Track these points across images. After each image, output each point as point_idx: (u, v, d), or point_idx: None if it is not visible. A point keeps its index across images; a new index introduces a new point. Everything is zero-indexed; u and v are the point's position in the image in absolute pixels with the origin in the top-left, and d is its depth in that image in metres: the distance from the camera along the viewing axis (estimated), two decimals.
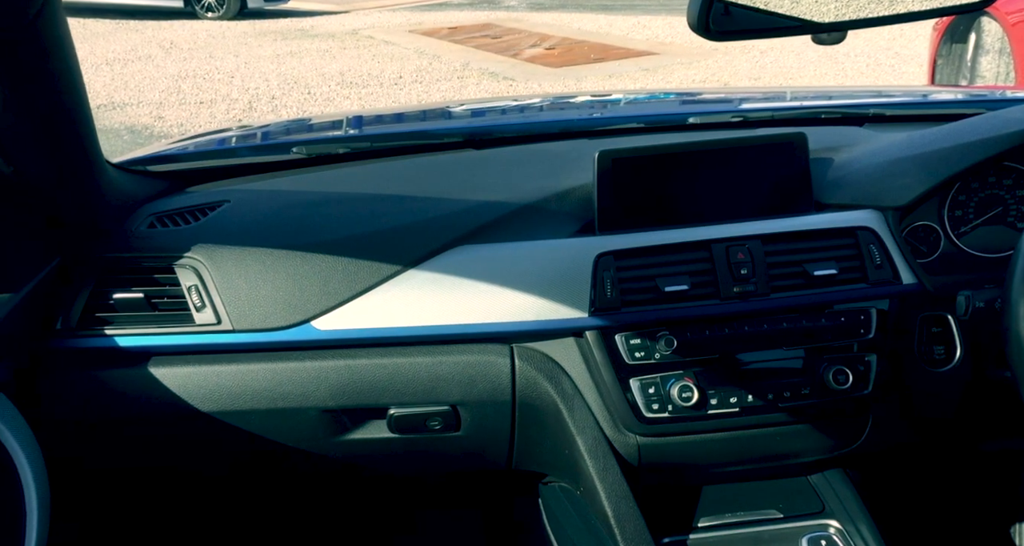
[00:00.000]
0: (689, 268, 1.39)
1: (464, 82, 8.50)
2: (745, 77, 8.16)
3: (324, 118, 2.92)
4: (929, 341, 1.44)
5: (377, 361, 1.39)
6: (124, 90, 8.05)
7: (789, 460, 1.50)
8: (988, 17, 4.92)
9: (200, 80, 8.52)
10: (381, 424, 1.43)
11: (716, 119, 1.81)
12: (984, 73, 5.00)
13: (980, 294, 1.26)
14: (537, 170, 1.58)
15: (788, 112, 1.83)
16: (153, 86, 8.23)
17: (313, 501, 1.88)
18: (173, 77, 8.62)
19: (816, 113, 1.81)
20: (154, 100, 7.68)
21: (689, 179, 1.44)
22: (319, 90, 8.11)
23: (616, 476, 1.39)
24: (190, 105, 7.57)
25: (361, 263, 1.38)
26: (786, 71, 8.23)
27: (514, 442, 1.46)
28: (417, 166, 1.66)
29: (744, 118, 1.79)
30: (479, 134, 1.77)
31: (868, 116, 1.74)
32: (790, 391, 1.40)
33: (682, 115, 1.84)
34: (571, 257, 1.39)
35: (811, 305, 1.39)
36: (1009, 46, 4.74)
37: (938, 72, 5.40)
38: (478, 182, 1.54)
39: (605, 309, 1.36)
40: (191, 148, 1.84)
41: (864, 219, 1.42)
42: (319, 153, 1.70)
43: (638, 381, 1.37)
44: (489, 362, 1.39)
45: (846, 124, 1.73)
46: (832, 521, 1.45)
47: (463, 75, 8.73)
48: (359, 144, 1.77)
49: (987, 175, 1.47)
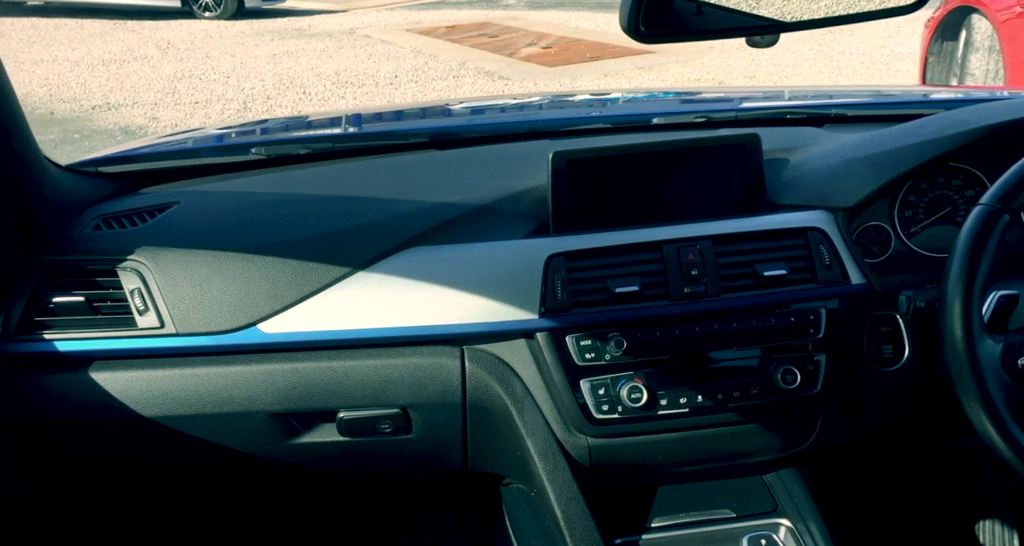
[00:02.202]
0: (640, 269, 1.39)
1: (460, 81, 8.50)
2: (740, 75, 8.15)
3: (296, 118, 2.92)
4: (878, 340, 1.44)
5: (325, 364, 1.38)
6: (119, 91, 8.07)
7: (741, 460, 1.50)
8: (979, 14, 4.91)
9: (196, 80, 8.53)
10: (331, 427, 1.43)
11: (679, 120, 1.81)
12: (974, 71, 4.98)
13: (921, 294, 1.27)
14: (495, 171, 1.58)
15: (751, 113, 1.84)
16: (149, 86, 8.24)
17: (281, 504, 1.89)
18: (169, 77, 8.63)
19: (780, 113, 1.81)
20: (149, 101, 7.69)
21: (643, 180, 1.44)
22: (314, 90, 8.12)
23: (566, 477, 1.40)
24: (185, 105, 7.58)
25: (310, 265, 1.37)
26: (781, 68, 8.22)
27: (467, 444, 1.46)
28: (376, 167, 1.66)
29: (708, 118, 1.79)
30: (443, 134, 1.77)
31: (830, 116, 1.74)
32: (740, 391, 1.40)
33: (646, 115, 1.84)
34: (522, 258, 1.38)
35: (761, 305, 1.40)
36: (998, 44, 4.73)
37: (929, 70, 5.39)
38: (435, 183, 1.54)
39: (555, 310, 1.36)
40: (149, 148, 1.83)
41: (814, 220, 1.43)
42: (278, 154, 1.69)
43: (588, 382, 1.37)
44: (439, 364, 1.39)
45: (808, 124, 1.73)
46: (783, 520, 1.45)
47: (459, 74, 8.74)
48: (321, 145, 1.76)
49: (936, 176, 1.47)
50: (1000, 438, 1.11)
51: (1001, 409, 1.12)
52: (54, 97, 7.85)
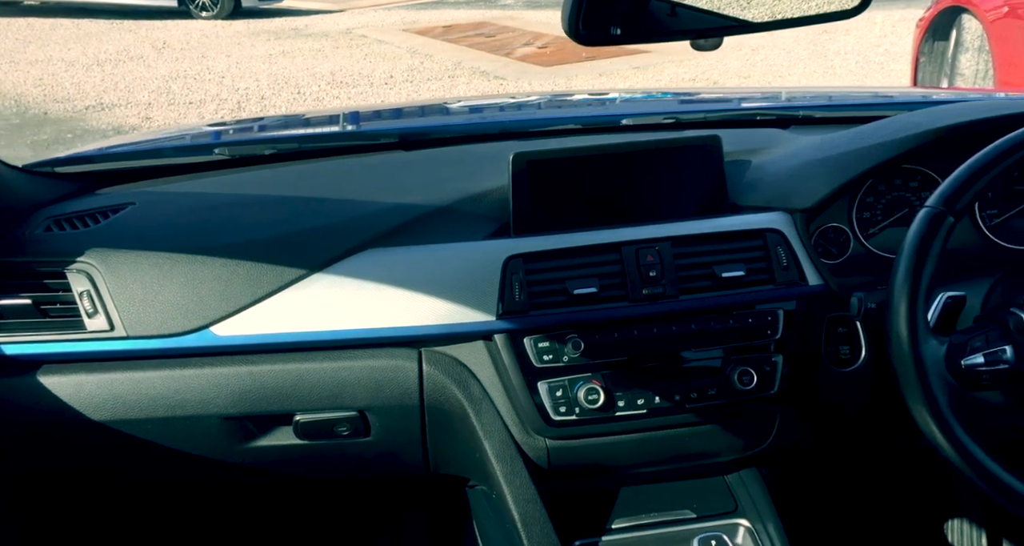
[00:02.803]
0: (599, 270, 1.39)
1: (455, 81, 8.50)
2: (735, 75, 8.14)
3: (271, 117, 2.91)
4: (835, 341, 1.44)
5: (280, 367, 1.38)
6: (114, 91, 8.07)
7: (700, 461, 1.50)
8: (968, 14, 4.90)
9: (190, 80, 8.53)
10: (288, 431, 1.42)
11: (648, 121, 1.81)
12: (964, 71, 4.98)
13: (872, 295, 1.27)
14: (459, 172, 1.58)
15: (720, 114, 1.84)
16: (143, 87, 8.24)
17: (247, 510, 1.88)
18: (164, 78, 8.63)
19: (750, 115, 1.82)
20: (143, 101, 7.70)
21: (604, 181, 1.44)
22: (309, 90, 8.12)
23: (523, 479, 1.39)
24: (179, 105, 7.58)
25: (265, 267, 1.37)
26: (776, 69, 8.22)
27: (427, 447, 1.46)
28: (339, 168, 1.66)
29: (676, 120, 1.79)
30: (410, 135, 1.76)
31: (798, 118, 1.74)
32: (697, 392, 1.40)
33: (615, 116, 1.84)
34: (481, 260, 1.38)
35: (719, 306, 1.40)
36: (988, 44, 4.73)
37: (921, 70, 5.38)
38: (397, 184, 1.54)
39: (513, 312, 1.36)
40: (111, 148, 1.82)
41: (772, 221, 1.43)
42: (242, 154, 1.68)
43: (546, 384, 1.37)
44: (396, 367, 1.39)
45: (776, 126, 1.73)
46: (742, 520, 1.46)
47: (454, 74, 8.74)
48: (286, 145, 1.75)
49: (894, 178, 1.47)
50: (943, 438, 1.12)
51: (944, 409, 1.12)
52: (48, 97, 7.85)
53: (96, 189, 1.59)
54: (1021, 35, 4.47)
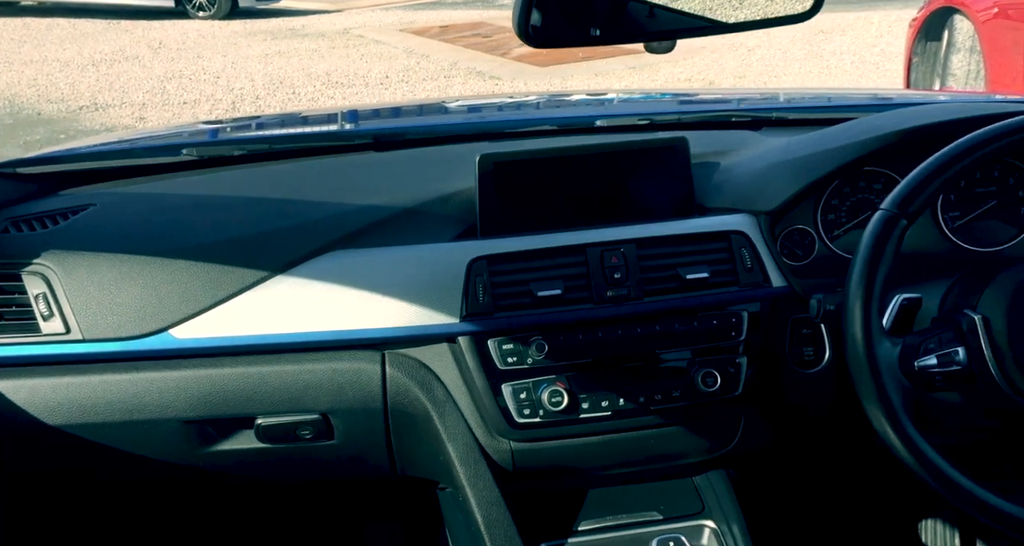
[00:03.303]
0: (563, 272, 1.38)
1: (450, 81, 8.51)
2: (731, 75, 8.14)
3: (250, 117, 2.90)
4: (800, 343, 1.44)
5: (241, 370, 1.36)
6: (108, 91, 8.07)
7: (666, 462, 1.50)
8: (960, 15, 4.90)
9: (186, 81, 8.53)
10: (249, 434, 1.41)
11: (622, 122, 1.81)
12: (955, 71, 4.98)
13: (831, 297, 1.26)
14: (428, 173, 1.57)
15: (694, 115, 1.84)
16: (138, 87, 8.24)
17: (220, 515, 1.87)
18: (159, 78, 8.63)
19: (725, 116, 1.81)
20: (137, 101, 7.70)
21: (571, 183, 1.44)
22: (304, 90, 8.13)
23: (487, 482, 1.39)
24: (173, 106, 7.59)
25: (226, 269, 1.35)
26: (772, 68, 8.22)
27: (392, 450, 1.45)
28: (308, 169, 1.64)
29: (650, 121, 1.78)
30: (383, 136, 1.76)
31: (770, 120, 1.74)
32: (661, 394, 1.39)
33: (589, 118, 1.84)
34: (445, 262, 1.38)
35: (684, 308, 1.39)
36: (979, 44, 4.72)
37: (913, 70, 5.38)
38: (364, 185, 1.53)
39: (477, 314, 1.35)
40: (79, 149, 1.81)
41: (737, 223, 1.42)
42: (211, 155, 1.67)
43: (510, 386, 1.37)
44: (359, 369, 1.38)
45: (747, 128, 1.73)
46: (708, 521, 1.46)
47: (450, 74, 8.75)
48: (257, 146, 1.74)
49: (858, 180, 1.47)
50: (897, 438, 1.12)
51: (898, 410, 1.13)
52: (42, 97, 7.86)
53: (59, 190, 1.58)
54: (1011, 36, 4.47)
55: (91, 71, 8.99)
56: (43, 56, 9.84)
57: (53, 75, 8.82)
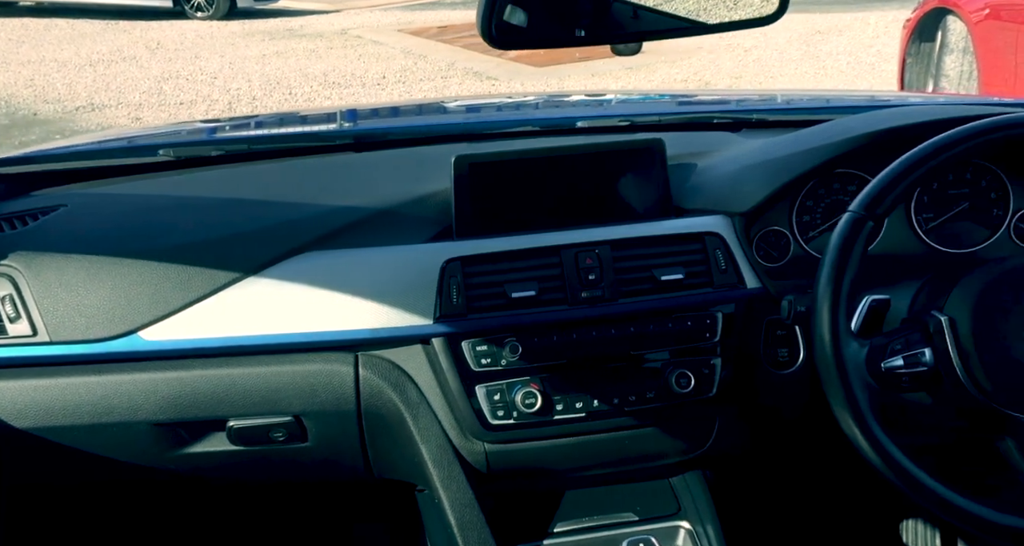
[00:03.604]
0: (538, 274, 1.38)
1: (447, 82, 8.51)
2: (727, 75, 8.15)
3: (236, 118, 2.89)
4: (774, 344, 1.44)
5: (212, 372, 1.36)
6: (105, 91, 8.07)
7: (643, 463, 1.50)
8: (953, 16, 4.90)
9: (182, 81, 8.53)
10: (221, 436, 1.41)
11: (603, 123, 1.81)
12: (948, 72, 4.98)
13: (802, 298, 1.27)
14: (406, 174, 1.57)
15: (675, 117, 1.84)
16: (135, 87, 8.24)
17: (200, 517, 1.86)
18: (156, 78, 8.63)
19: (706, 117, 1.81)
20: (134, 101, 7.70)
21: (547, 184, 1.44)
22: (300, 91, 8.13)
23: (460, 484, 1.39)
24: (170, 106, 7.59)
25: (197, 270, 1.35)
26: (768, 69, 8.23)
27: (367, 451, 1.45)
28: (285, 170, 1.64)
29: (631, 123, 1.78)
30: (363, 137, 1.76)
31: (751, 121, 1.74)
32: (636, 395, 1.39)
33: (570, 119, 1.84)
34: (418, 263, 1.38)
35: (658, 310, 1.39)
36: (972, 45, 4.73)
37: (908, 71, 5.39)
38: (341, 186, 1.53)
39: (451, 316, 1.35)
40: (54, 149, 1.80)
41: (712, 224, 1.42)
42: (187, 155, 1.66)
43: (484, 388, 1.37)
44: (331, 371, 1.37)
45: (728, 129, 1.73)
46: (684, 522, 1.46)
47: (447, 75, 8.74)
48: (235, 147, 1.74)
49: (832, 181, 1.47)
50: (863, 438, 1.13)
51: (865, 411, 1.13)
52: (38, 98, 7.86)
53: (32, 191, 1.57)
54: (1004, 36, 4.47)
55: (88, 71, 8.99)
56: (40, 56, 9.84)
57: (50, 75, 8.82)
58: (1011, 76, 4.43)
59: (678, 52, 9.04)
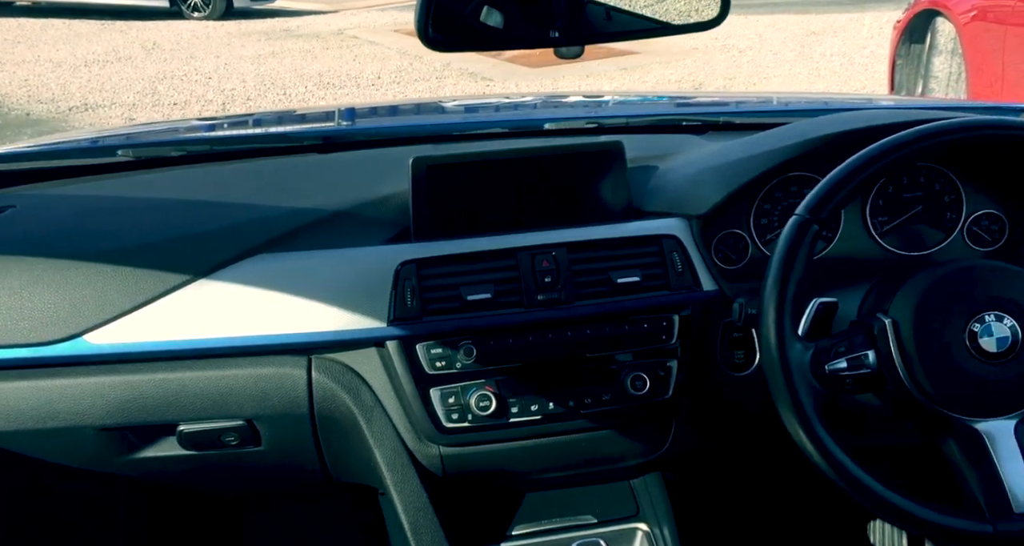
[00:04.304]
0: (494, 276, 1.38)
1: (442, 82, 8.51)
2: (721, 76, 8.14)
3: (209, 118, 2.88)
4: (730, 346, 1.44)
5: (161, 376, 1.35)
6: (99, 92, 8.07)
7: (601, 466, 1.50)
8: (942, 17, 4.89)
9: (177, 81, 8.53)
10: (172, 441, 1.40)
11: (571, 125, 1.80)
12: (937, 74, 4.97)
13: (753, 301, 1.27)
14: (368, 176, 1.56)
15: (643, 119, 1.83)
16: (129, 88, 8.24)
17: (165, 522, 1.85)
18: (150, 79, 8.63)
19: (675, 120, 1.81)
20: (128, 102, 7.70)
21: (506, 187, 1.44)
22: (295, 91, 8.12)
23: (414, 487, 1.39)
24: (163, 106, 7.59)
25: (145, 272, 1.33)
26: (762, 70, 8.22)
27: (323, 455, 1.45)
28: (244, 171, 1.63)
29: (599, 125, 1.78)
30: (328, 138, 1.75)
31: (718, 124, 1.74)
32: (591, 398, 1.39)
33: (538, 121, 1.83)
34: (374, 266, 1.37)
35: (614, 312, 1.39)
36: (961, 47, 4.72)
37: (898, 72, 5.38)
38: (300, 187, 1.52)
39: (405, 318, 1.35)
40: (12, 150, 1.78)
41: (669, 227, 1.42)
42: (147, 156, 1.64)
43: (438, 391, 1.36)
44: (284, 375, 1.37)
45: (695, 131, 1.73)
46: (642, 524, 1.47)
47: (442, 75, 8.74)
48: (197, 147, 1.72)
49: (790, 185, 1.47)
50: (808, 440, 1.13)
51: (809, 412, 1.14)
52: (32, 98, 7.86)
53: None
54: (991, 38, 4.47)
55: (83, 71, 8.99)
56: (36, 56, 9.84)
57: (45, 75, 8.82)
58: (999, 78, 4.43)
59: (672, 53, 9.04)
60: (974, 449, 1.15)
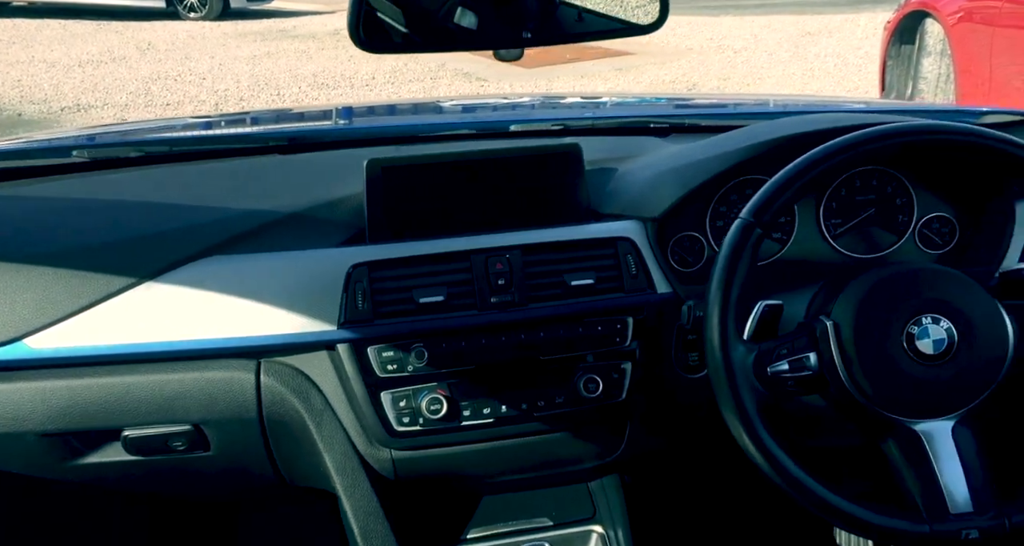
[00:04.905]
0: (447, 279, 1.37)
1: (436, 83, 8.51)
2: (715, 76, 8.14)
3: (180, 118, 2.86)
4: (684, 348, 1.43)
5: (105, 380, 1.33)
6: (92, 92, 8.05)
7: (556, 469, 1.49)
8: (931, 18, 4.88)
9: (171, 82, 8.52)
10: (118, 446, 1.38)
11: (537, 127, 1.80)
12: (926, 75, 4.96)
13: (701, 304, 1.26)
14: (327, 177, 1.54)
15: (610, 121, 1.83)
16: (122, 88, 8.23)
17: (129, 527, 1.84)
18: (144, 79, 8.61)
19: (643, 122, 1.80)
20: (120, 102, 7.69)
21: (462, 189, 1.43)
22: (288, 91, 8.12)
23: (364, 492, 1.38)
24: (156, 107, 7.58)
25: (89, 275, 1.31)
26: (756, 71, 8.22)
27: (275, 460, 1.43)
28: (201, 172, 1.61)
29: (565, 126, 1.77)
30: (296, 139, 1.74)
31: (683, 126, 1.73)
32: (544, 400, 1.38)
33: (505, 123, 1.83)
34: (325, 268, 1.36)
35: (568, 315, 1.38)
36: (949, 48, 4.71)
37: (888, 73, 5.37)
38: (256, 189, 1.51)
39: (356, 321, 1.34)
40: None
41: (624, 230, 1.42)
42: (103, 157, 1.62)
43: (389, 394, 1.35)
44: (232, 379, 1.35)
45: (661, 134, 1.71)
46: (597, 527, 1.47)
47: (437, 76, 8.75)
48: (155, 148, 1.70)
49: (745, 187, 1.46)
50: (749, 442, 1.13)
51: (752, 414, 1.14)
52: (24, 98, 7.85)
53: None
54: (978, 39, 4.46)
55: (77, 72, 8.97)
56: (30, 57, 9.82)
57: (38, 76, 8.80)
58: (986, 79, 4.42)
59: (667, 53, 9.05)
60: (912, 450, 1.15)
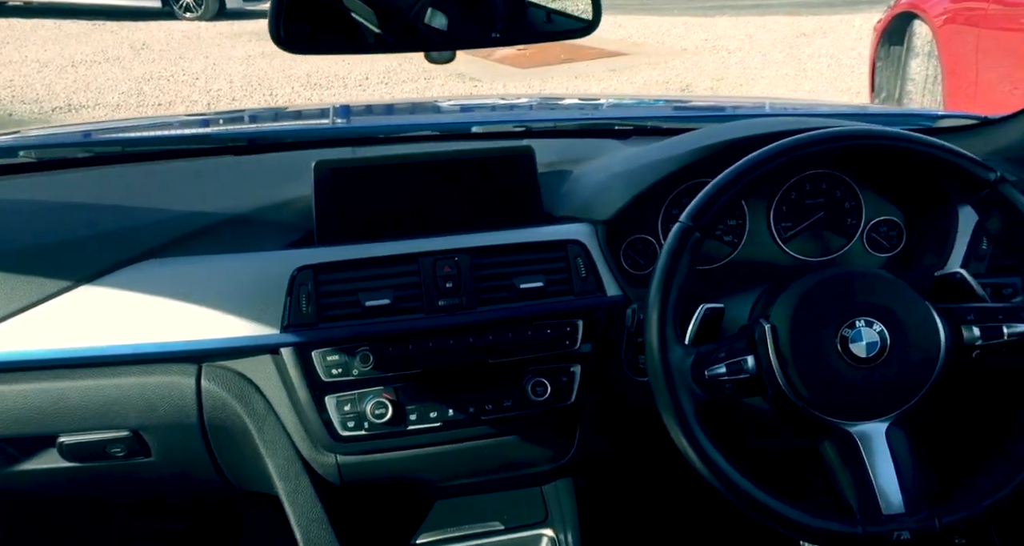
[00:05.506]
0: (394, 282, 1.36)
1: (430, 83, 8.50)
2: (709, 77, 8.13)
3: (139, 118, 2.83)
4: (634, 351, 1.42)
5: (38, 386, 1.31)
6: (84, 92, 8.04)
7: (507, 472, 1.48)
8: (919, 20, 4.87)
9: (163, 82, 8.51)
10: (53, 452, 1.36)
11: (498, 129, 1.79)
12: (914, 76, 4.95)
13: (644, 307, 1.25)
14: (277, 178, 1.53)
15: (572, 123, 1.82)
16: (115, 88, 8.21)
17: None
18: (137, 79, 8.60)
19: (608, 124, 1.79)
20: (112, 102, 7.67)
21: (412, 191, 1.42)
22: (281, 91, 8.11)
23: (307, 497, 1.37)
24: (148, 107, 7.57)
25: (21, 278, 1.30)
26: (750, 71, 8.21)
27: (220, 466, 1.42)
28: (150, 173, 1.59)
29: (526, 128, 1.76)
30: (253, 140, 1.73)
31: (645, 128, 1.71)
32: (492, 404, 1.38)
33: (466, 124, 1.82)
34: (269, 271, 1.35)
35: (518, 318, 1.37)
36: (936, 49, 4.70)
37: (877, 75, 5.35)
38: (203, 190, 1.49)
39: (299, 325, 1.32)
40: None
41: (574, 232, 1.41)
42: (50, 157, 1.60)
43: (334, 398, 1.34)
44: (171, 383, 1.34)
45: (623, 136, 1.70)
46: (548, 530, 1.46)
47: (431, 76, 8.72)
48: (106, 148, 1.69)
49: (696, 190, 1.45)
50: (687, 444, 1.13)
51: (689, 417, 1.13)
52: (16, 98, 7.83)
53: None
54: (965, 41, 4.44)
55: (70, 72, 8.95)
56: (23, 57, 9.80)
57: (30, 76, 8.78)
58: (972, 81, 4.40)
59: (661, 54, 9.04)
60: (847, 452, 1.16)
